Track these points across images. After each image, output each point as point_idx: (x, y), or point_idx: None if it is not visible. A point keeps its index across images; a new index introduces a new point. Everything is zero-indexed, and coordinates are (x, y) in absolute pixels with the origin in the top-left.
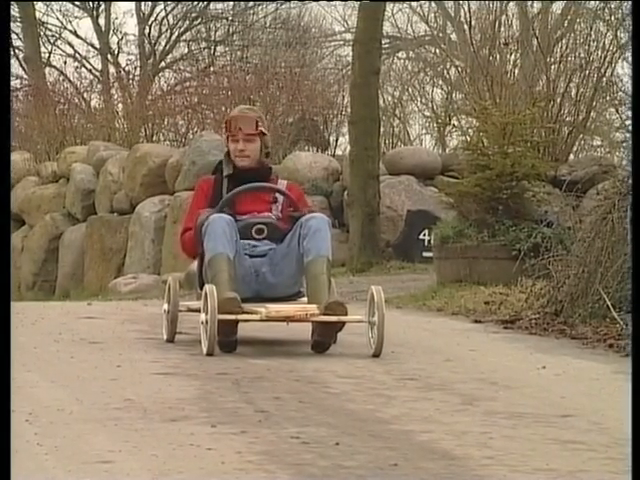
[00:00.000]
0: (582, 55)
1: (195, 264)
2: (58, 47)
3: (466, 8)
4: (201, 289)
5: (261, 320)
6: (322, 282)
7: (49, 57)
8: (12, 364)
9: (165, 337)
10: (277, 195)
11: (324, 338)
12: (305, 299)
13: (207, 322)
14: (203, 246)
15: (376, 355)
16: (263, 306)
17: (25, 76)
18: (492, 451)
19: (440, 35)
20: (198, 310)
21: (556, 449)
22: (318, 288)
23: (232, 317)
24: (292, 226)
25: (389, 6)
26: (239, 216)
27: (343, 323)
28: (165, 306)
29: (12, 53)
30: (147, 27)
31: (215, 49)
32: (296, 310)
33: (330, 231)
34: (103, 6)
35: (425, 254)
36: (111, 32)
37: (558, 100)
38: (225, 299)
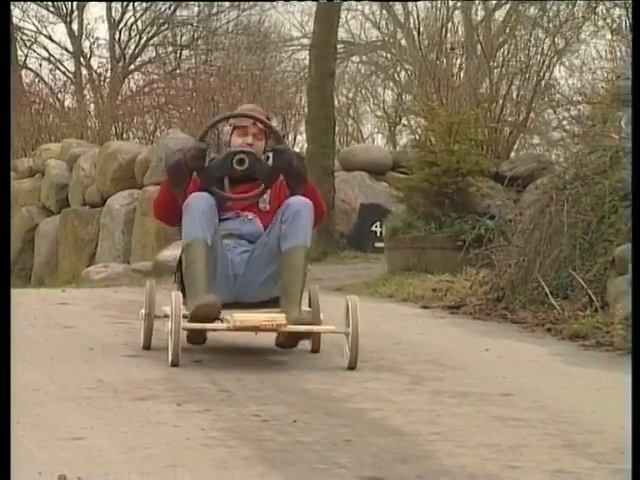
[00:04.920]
0: (522, 59)
1: (163, 253)
2: (34, 50)
3: (415, 15)
4: (180, 283)
5: (228, 330)
6: (297, 275)
7: (25, 60)
8: None
9: (142, 344)
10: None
11: (287, 342)
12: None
13: (172, 331)
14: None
15: (351, 368)
16: (230, 315)
17: None
18: (439, 428)
19: (391, 40)
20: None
21: (498, 426)
22: (293, 282)
23: (198, 326)
24: (272, 161)
25: (343, 13)
26: (225, 213)
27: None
28: (142, 311)
29: None
30: (117, 32)
31: (181, 53)
32: (262, 320)
33: (312, 216)
34: (76, 12)
35: (377, 244)
36: (83, 37)
37: (500, 101)
38: (203, 305)
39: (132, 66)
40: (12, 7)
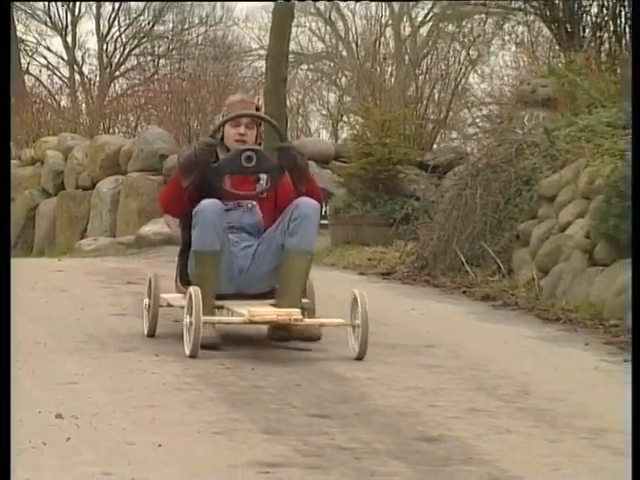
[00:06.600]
0: (442, 68)
1: (143, 228)
2: (35, 59)
3: (353, 30)
4: (182, 282)
5: (244, 323)
6: (300, 278)
7: (27, 67)
8: None
9: (145, 332)
10: (261, 177)
11: (281, 335)
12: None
13: (191, 324)
14: (187, 239)
15: (359, 358)
16: (246, 308)
17: None
18: (374, 374)
19: (333, 52)
20: (179, 306)
21: (422, 372)
22: (295, 283)
23: (216, 320)
24: (275, 160)
25: (294, 28)
26: (225, 202)
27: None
28: (146, 301)
29: None
30: (105, 44)
31: (158, 62)
32: (279, 314)
33: (318, 219)
34: (70, 27)
35: (322, 222)
36: (76, 48)
37: (424, 102)
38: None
39: (117, 72)
40: (16, 23)
